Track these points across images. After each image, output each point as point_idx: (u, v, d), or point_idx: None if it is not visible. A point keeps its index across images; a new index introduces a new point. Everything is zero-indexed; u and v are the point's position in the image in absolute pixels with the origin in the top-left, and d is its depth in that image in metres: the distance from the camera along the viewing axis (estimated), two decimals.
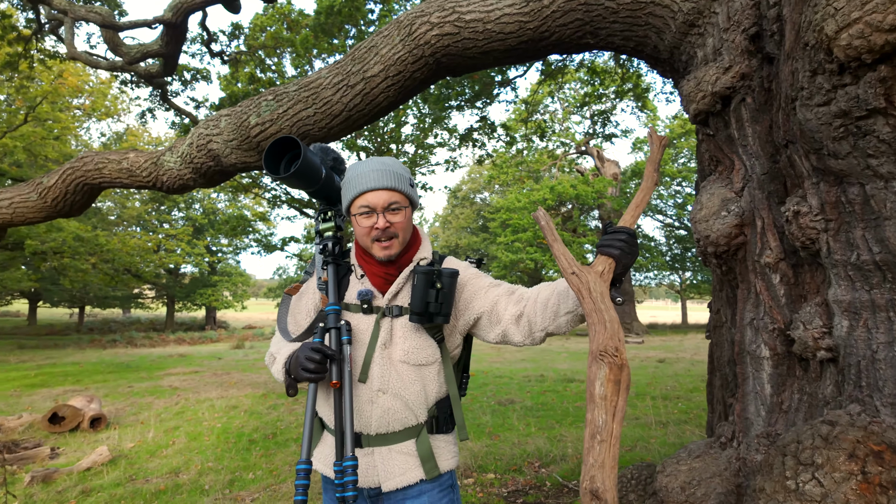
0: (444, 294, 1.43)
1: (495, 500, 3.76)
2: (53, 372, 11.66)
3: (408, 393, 1.48)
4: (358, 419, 1.48)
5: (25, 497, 4.07)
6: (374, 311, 1.52)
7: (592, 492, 1.07)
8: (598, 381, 1.13)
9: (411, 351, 1.49)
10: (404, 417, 1.48)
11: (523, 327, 1.47)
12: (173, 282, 25.15)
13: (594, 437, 1.10)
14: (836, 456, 1.61)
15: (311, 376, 1.35)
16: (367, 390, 1.48)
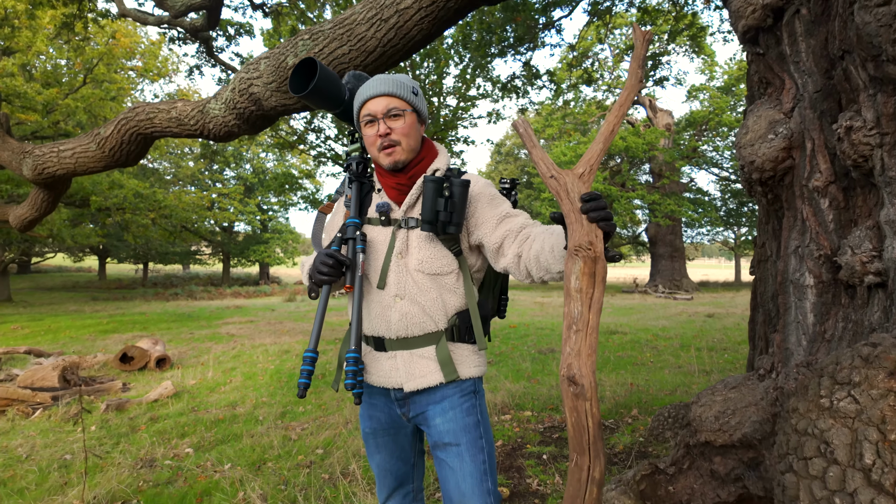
0: (453, 203, 1.44)
1: (531, 434, 3.86)
2: (123, 320, 12.56)
3: (424, 300, 1.52)
4: (380, 323, 1.55)
5: (101, 421, 4.49)
6: (391, 223, 1.57)
7: (569, 378, 1.10)
8: (574, 275, 1.14)
9: (425, 260, 1.52)
10: (422, 322, 1.53)
11: (522, 269, 1.47)
12: (228, 239, 26.24)
13: (570, 328, 1.12)
14: (874, 374, 1.56)
15: (324, 278, 1.45)
16: (385, 296, 1.54)
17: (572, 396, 1.10)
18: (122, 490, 3.06)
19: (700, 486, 2.48)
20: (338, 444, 3.76)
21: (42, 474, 3.34)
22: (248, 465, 3.41)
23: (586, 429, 1.09)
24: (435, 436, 1.55)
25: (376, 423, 1.65)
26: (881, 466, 1.45)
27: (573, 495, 1.11)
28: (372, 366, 1.60)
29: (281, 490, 3.00)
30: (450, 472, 1.52)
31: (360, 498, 2.83)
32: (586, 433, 1.09)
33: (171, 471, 3.37)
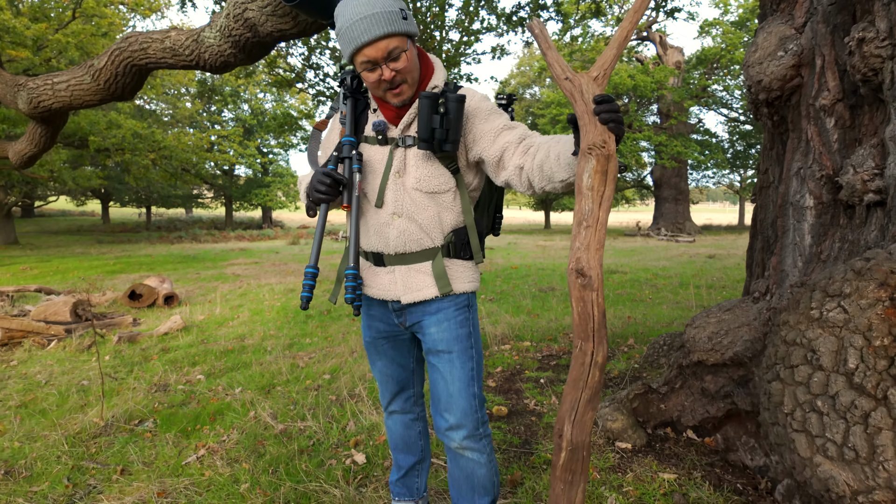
0: (448, 120, 1.42)
1: (530, 361, 3.99)
2: (129, 261, 12.71)
3: (421, 217, 1.55)
4: (378, 240, 1.59)
5: (115, 352, 4.64)
6: (388, 142, 1.56)
7: (578, 270, 1.15)
8: (587, 173, 1.16)
9: (423, 178, 1.53)
10: (419, 239, 1.56)
11: (524, 181, 1.46)
12: (229, 182, 26.10)
13: (580, 224, 1.16)
14: (865, 285, 1.59)
15: (321, 197, 1.46)
16: (383, 214, 1.56)
17: (580, 287, 1.15)
18: (138, 410, 3.21)
19: (690, 403, 2.59)
20: (344, 371, 3.90)
21: (62, 397, 3.49)
22: (258, 389, 3.55)
23: (591, 317, 1.15)
24: (429, 343, 1.62)
25: (375, 332, 1.72)
26: (864, 370, 1.51)
27: (577, 377, 1.18)
28: (371, 280, 1.64)
29: (290, 409, 3.15)
30: (440, 376, 1.61)
31: (366, 415, 2.97)
32: (591, 321, 1.16)
33: (185, 394, 3.52)
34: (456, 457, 1.63)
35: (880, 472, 1.43)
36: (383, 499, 2.14)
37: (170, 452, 2.64)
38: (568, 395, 1.20)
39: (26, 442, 2.79)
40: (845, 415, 1.52)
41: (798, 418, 1.64)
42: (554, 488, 1.22)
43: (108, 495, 2.26)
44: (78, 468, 2.52)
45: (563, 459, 1.19)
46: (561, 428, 1.20)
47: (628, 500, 2.06)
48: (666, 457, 2.40)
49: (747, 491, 2.13)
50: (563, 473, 1.20)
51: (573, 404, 1.19)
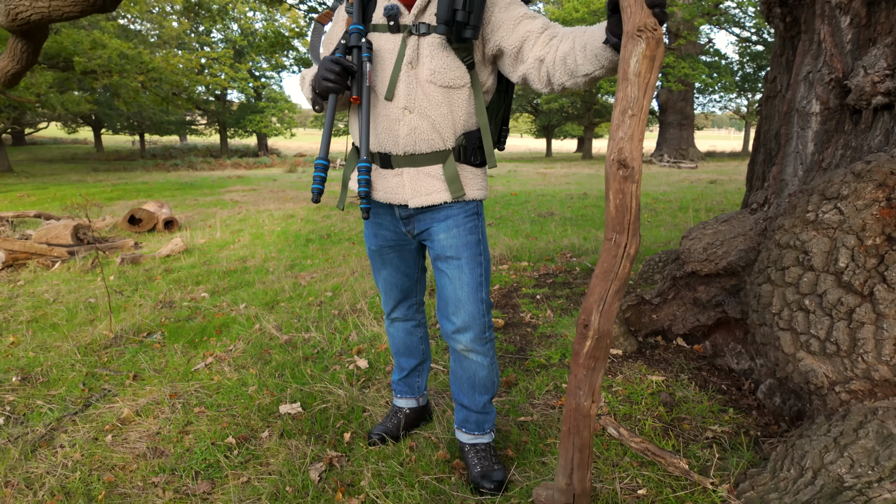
0: (472, 2, 1.34)
1: (527, 280, 4.06)
2: (127, 189, 12.62)
3: (434, 114, 1.48)
4: (387, 138, 1.52)
5: (119, 273, 4.71)
6: (400, 30, 1.47)
7: (620, 161, 1.12)
8: (634, 57, 1.10)
9: (438, 70, 1.46)
10: (430, 139, 1.51)
11: (543, 75, 1.40)
12: (222, 108, 25.39)
13: (625, 112, 1.11)
14: (864, 186, 1.59)
15: (330, 86, 1.38)
16: (393, 108, 1.49)
17: (620, 179, 1.13)
18: (145, 323, 3.30)
19: (682, 313, 2.66)
20: (345, 289, 3.98)
21: (70, 313, 3.59)
22: (262, 305, 3.64)
23: (629, 209, 1.14)
24: (438, 249, 1.61)
25: (382, 240, 1.71)
26: (853, 269, 1.54)
27: (607, 269, 1.19)
28: (377, 182, 1.59)
29: (294, 322, 3.24)
30: (448, 281, 1.61)
31: (368, 327, 3.06)
32: (629, 213, 1.14)
33: (190, 310, 3.61)
34: (460, 358, 1.68)
35: (859, 364, 1.50)
36: (385, 398, 2.25)
37: (179, 361, 2.74)
38: (597, 287, 1.20)
39: (40, 352, 2.90)
40: (831, 312, 1.56)
41: (785, 317, 1.69)
42: (576, 374, 1.26)
43: (123, 397, 2.38)
44: (92, 375, 2.63)
45: (588, 347, 1.23)
46: (588, 318, 1.22)
47: (617, 398, 2.17)
48: (655, 362, 2.50)
49: (731, 391, 2.23)
50: (587, 360, 1.24)
51: (602, 295, 1.20)
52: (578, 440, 1.28)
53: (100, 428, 2.11)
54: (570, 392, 1.28)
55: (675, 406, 2.10)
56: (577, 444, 1.29)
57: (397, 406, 1.98)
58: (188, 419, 2.15)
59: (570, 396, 1.28)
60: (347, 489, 1.67)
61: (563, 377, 2.37)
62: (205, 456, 1.88)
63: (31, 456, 1.94)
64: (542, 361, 2.56)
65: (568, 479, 1.33)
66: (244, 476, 1.76)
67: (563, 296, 3.64)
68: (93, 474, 1.82)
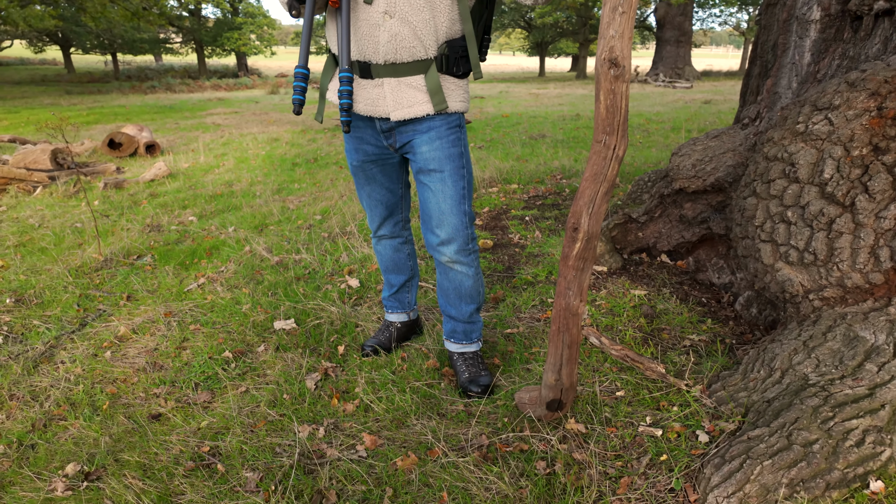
0: None
1: (516, 202, 4.06)
2: (103, 112, 12.15)
3: (416, 19, 1.43)
4: (367, 45, 1.47)
5: (103, 198, 4.64)
6: None
7: (611, 60, 1.10)
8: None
9: None
10: (412, 47, 1.46)
11: None
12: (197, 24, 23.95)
13: (615, 10, 1.08)
14: (856, 96, 1.57)
15: None
16: (374, 13, 1.43)
17: (612, 79, 1.10)
18: (135, 247, 3.30)
19: (667, 230, 2.70)
20: (334, 212, 3.96)
21: (57, 237, 3.56)
22: (251, 228, 3.63)
23: (619, 109, 1.13)
24: (420, 162, 1.60)
25: (363, 155, 1.69)
26: (837, 179, 1.55)
27: (597, 171, 1.19)
28: (357, 93, 1.55)
29: (284, 245, 3.26)
30: (431, 194, 1.61)
31: (358, 248, 3.09)
32: (618, 114, 1.13)
33: (178, 234, 3.59)
34: (446, 270, 1.72)
35: (834, 272, 1.55)
36: (377, 314, 2.31)
37: (171, 282, 2.77)
38: (586, 189, 1.21)
39: (31, 275, 2.91)
40: (812, 223, 1.59)
41: (767, 229, 1.72)
42: (565, 275, 1.29)
43: (119, 317, 2.42)
44: (85, 296, 2.66)
45: (578, 249, 1.25)
46: (577, 221, 1.23)
47: (600, 311, 2.24)
48: (639, 277, 2.57)
49: (710, 304, 2.32)
50: (577, 261, 1.27)
51: (591, 197, 1.21)
52: (567, 337, 1.34)
53: (98, 345, 2.17)
54: (560, 293, 1.32)
55: (656, 318, 2.18)
56: (567, 341, 1.35)
57: (389, 320, 2.04)
58: (184, 336, 2.20)
59: (559, 297, 1.32)
60: (342, 395, 1.75)
61: (549, 293, 2.44)
62: (203, 369, 1.95)
63: (34, 371, 2.00)
64: (529, 279, 2.61)
65: (557, 375, 1.40)
66: (242, 386, 1.84)
67: (552, 217, 3.66)
68: (95, 387, 1.89)
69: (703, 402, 1.52)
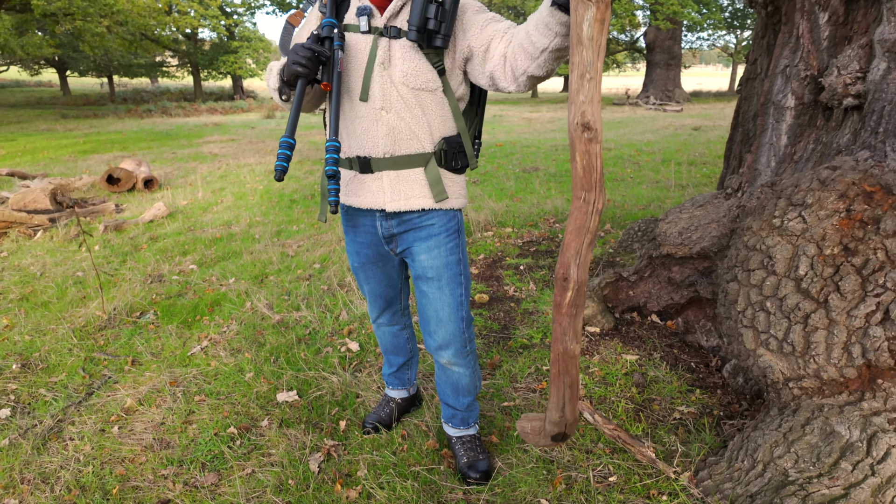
0: (444, 11, 1.36)
1: (510, 248, 4.16)
2: (100, 139, 12.23)
3: (409, 116, 1.50)
4: (366, 140, 1.53)
5: (103, 242, 4.70)
6: (371, 31, 1.48)
7: (584, 124, 1.17)
8: (587, 21, 1.13)
9: (410, 73, 1.47)
10: (409, 140, 1.52)
11: (507, 71, 1.42)
12: (193, 48, 24.19)
13: (583, 77, 1.15)
14: (826, 196, 1.68)
15: (299, 70, 1.36)
16: (370, 109, 1.50)
17: (586, 141, 1.18)
18: (138, 302, 3.36)
19: (657, 291, 2.80)
20: (333, 260, 4.04)
21: (60, 290, 3.62)
22: (251, 279, 3.71)
23: (594, 168, 1.21)
24: (419, 269, 1.66)
25: (364, 258, 1.75)
26: (811, 276, 1.65)
27: (580, 225, 1.27)
28: (359, 188, 1.60)
29: (285, 300, 3.33)
30: (429, 301, 1.67)
31: (357, 304, 3.17)
32: (594, 172, 1.21)
33: (180, 285, 3.66)
34: (443, 369, 1.79)
35: (811, 364, 1.64)
36: (377, 383, 2.39)
37: (175, 343, 2.84)
38: (572, 243, 1.29)
39: (36, 336, 2.96)
40: (789, 315, 1.69)
41: (748, 316, 1.82)
42: (560, 322, 1.36)
43: (124, 384, 2.48)
44: (90, 359, 2.72)
45: (570, 297, 1.32)
46: (566, 271, 1.30)
47: (594, 380, 2.33)
48: (630, 339, 2.66)
49: (699, 369, 2.41)
50: (569, 309, 1.34)
51: (577, 249, 1.28)
52: (568, 378, 1.40)
53: (106, 419, 2.22)
54: (556, 339, 1.38)
55: (647, 387, 2.27)
56: (567, 382, 1.41)
57: (389, 396, 2.11)
58: (190, 408, 2.26)
59: (556, 343, 1.39)
60: (345, 480, 1.82)
61: (545, 359, 2.52)
62: (209, 447, 2.01)
63: (43, 450, 2.05)
64: (525, 342, 2.70)
65: (560, 413, 1.46)
66: (248, 467, 1.90)
67: (546, 266, 3.75)
68: (105, 467, 1.94)
69: (691, 492, 1.59)
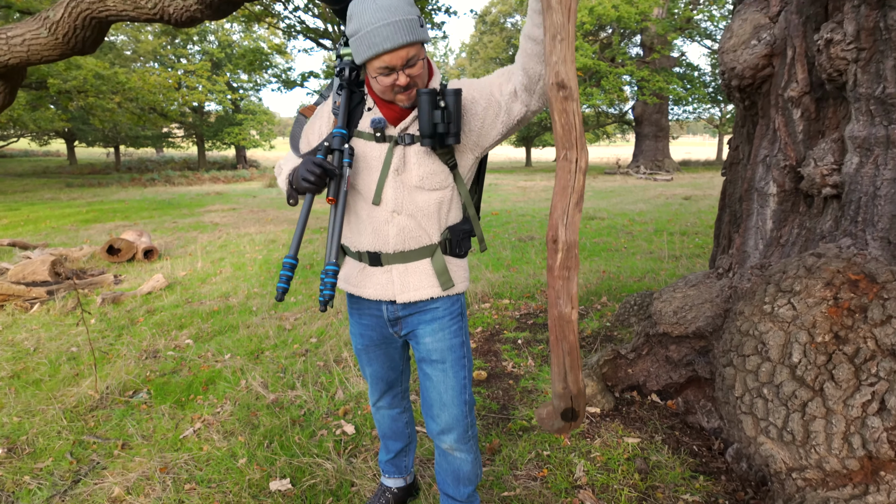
0: (449, 113, 1.44)
1: (508, 321, 4.17)
2: (103, 209, 12.44)
3: (421, 215, 1.56)
4: (376, 239, 1.59)
5: (100, 315, 4.69)
6: (386, 140, 1.55)
7: (559, 84, 1.21)
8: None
9: (426, 176, 1.54)
10: (419, 236, 1.58)
11: (521, 96, 1.48)
12: (199, 120, 25.14)
13: (555, 38, 1.20)
14: (813, 284, 1.72)
15: (308, 186, 1.43)
16: (382, 212, 1.57)
17: (561, 99, 1.21)
18: (132, 380, 3.32)
19: (655, 369, 2.79)
20: (330, 334, 4.03)
21: (53, 367, 3.58)
22: (247, 355, 3.68)
23: (573, 126, 1.23)
24: (423, 352, 1.68)
25: (368, 340, 1.78)
26: (805, 364, 1.67)
27: (565, 185, 1.28)
28: (367, 280, 1.64)
29: (280, 378, 3.29)
30: (432, 385, 1.69)
31: (353, 382, 3.13)
32: (574, 130, 1.23)
33: (175, 361, 3.63)
34: (445, 454, 1.77)
35: (812, 454, 1.63)
36: (373, 470, 2.33)
37: (167, 425, 2.78)
38: (558, 203, 1.29)
39: (25, 417, 2.90)
40: (787, 402, 1.69)
41: (746, 402, 1.82)
42: (553, 286, 1.34)
43: (113, 471, 2.41)
44: (79, 443, 2.65)
45: (560, 259, 1.31)
46: (555, 233, 1.30)
47: (595, 465, 2.28)
48: (631, 420, 2.62)
49: (702, 452, 2.36)
50: (561, 271, 1.32)
51: (564, 209, 1.29)
52: (566, 344, 1.36)
53: None
54: (552, 303, 1.35)
55: (650, 473, 2.22)
56: (566, 349, 1.36)
57: (385, 485, 2.06)
58: (180, 497, 2.19)
59: (551, 307, 1.36)
60: None
61: (545, 443, 2.47)
62: None
63: None
64: (525, 423, 2.66)
65: (563, 383, 1.40)
66: None
67: (544, 340, 3.75)
68: None
69: None
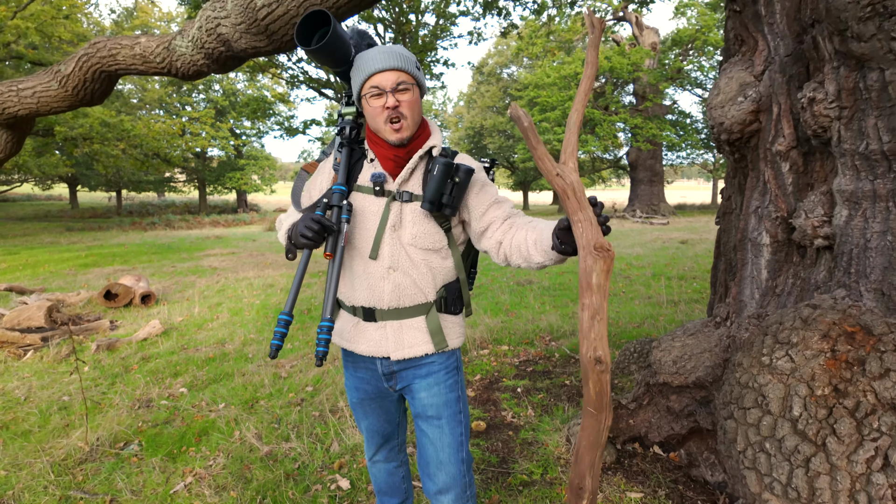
0: (458, 188, 1.51)
1: (507, 368, 4.13)
2: (102, 253, 12.47)
3: (417, 273, 1.59)
4: (371, 294, 1.61)
5: (94, 362, 4.63)
6: (384, 195, 1.59)
7: (597, 359, 1.30)
8: (595, 272, 1.28)
9: (420, 235, 1.58)
10: (414, 294, 1.60)
11: (501, 256, 1.58)
12: (202, 165, 25.55)
13: (594, 318, 1.29)
14: (810, 336, 1.73)
15: (306, 242, 1.47)
16: (378, 267, 1.59)
17: (598, 372, 1.31)
18: (123, 431, 3.25)
19: (657, 420, 2.75)
20: (326, 382, 3.98)
21: (43, 416, 3.51)
22: (242, 404, 3.62)
23: (605, 392, 1.32)
24: (419, 408, 1.67)
25: (363, 394, 1.77)
26: (806, 418, 1.65)
27: (593, 441, 1.35)
28: (360, 336, 1.65)
29: (274, 429, 3.23)
30: (429, 442, 1.67)
31: (349, 434, 3.07)
32: (605, 395, 1.32)
33: (168, 411, 3.56)
34: None
35: None
36: None
37: (157, 479, 2.70)
38: (586, 455, 1.37)
39: (12, 470, 2.83)
40: (790, 458, 1.67)
41: (749, 457, 1.78)
42: None
43: None
44: (66, 499, 2.57)
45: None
46: (581, 481, 1.38)
47: None
48: (633, 474, 2.56)
49: None
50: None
51: (591, 462, 1.36)
52: None
53: None
54: None
55: None
56: None
57: None
58: None
59: None
60: None
61: (546, 498, 2.41)
62: None
63: None
64: (525, 478, 2.59)
65: None
66: None
67: (544, 388, 3.70)
68: None
69: None
